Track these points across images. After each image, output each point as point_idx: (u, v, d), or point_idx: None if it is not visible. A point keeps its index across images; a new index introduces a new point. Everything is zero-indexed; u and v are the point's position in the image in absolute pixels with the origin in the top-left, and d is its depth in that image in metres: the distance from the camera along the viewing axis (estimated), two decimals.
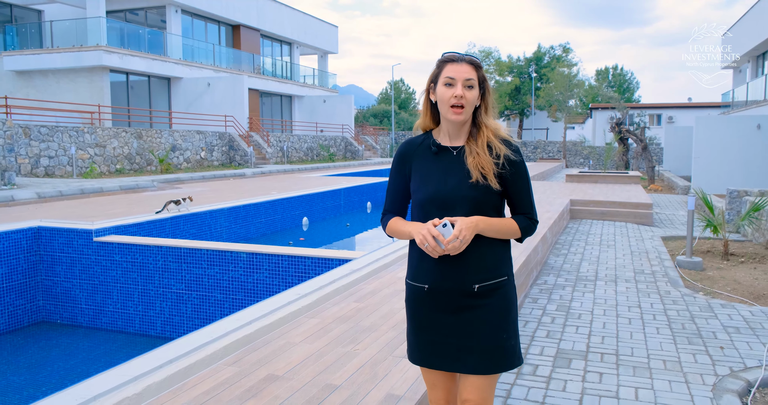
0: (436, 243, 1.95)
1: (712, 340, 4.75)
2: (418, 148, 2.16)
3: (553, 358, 4.33)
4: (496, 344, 2.06)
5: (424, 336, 2.12)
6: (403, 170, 2.18)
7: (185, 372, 3.14)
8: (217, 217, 10.67)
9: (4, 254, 8.00)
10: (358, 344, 3.53)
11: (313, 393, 2.85)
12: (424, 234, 1.96)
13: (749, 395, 3.76)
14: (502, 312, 2.09)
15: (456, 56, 2.08)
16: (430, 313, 2.10)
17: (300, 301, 4.43)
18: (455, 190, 2.04)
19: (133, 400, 2.85)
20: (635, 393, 3.74)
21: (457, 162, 2.08)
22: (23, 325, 8.29)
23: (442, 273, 2.06)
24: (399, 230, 2.15)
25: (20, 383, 6.55)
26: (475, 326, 2.06)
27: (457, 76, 2.02)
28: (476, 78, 2.05)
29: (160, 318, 7.94)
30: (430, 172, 2.10)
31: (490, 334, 2.06)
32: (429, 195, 2.06)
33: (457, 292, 2.05)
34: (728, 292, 6.25)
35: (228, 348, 3.47)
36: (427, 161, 2.12)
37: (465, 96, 2.02)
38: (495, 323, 2.07)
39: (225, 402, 2.75)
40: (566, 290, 6.37)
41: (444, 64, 2.07)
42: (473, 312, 2.06)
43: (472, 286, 2.04)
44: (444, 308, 2.08)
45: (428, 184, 2.08)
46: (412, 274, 2.15)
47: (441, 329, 2.09)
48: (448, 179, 2.06)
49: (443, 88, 2.04)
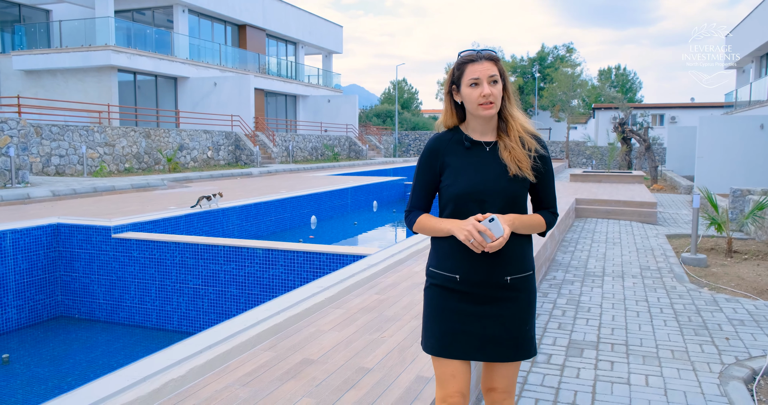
0: (482, 238, 1.97)
1: (718, 331, 4.95)
2: (449, 143, 2.17)
3: (566, 348, 4.53)
4: (520, 334, 2.13)
5: (446, 325, 2.13)
6: (434, 165, 2.17)
7: (224, 356, 3.34)
8: (229, 215, 10.88)
9: (24, 250, 8.20)
10: (384, 332, 3.73)
11: (347, 375, 3.05)
12: (470, 230, 1.98)
13: (754, 382, 3.95)
14: (529, 304, 2.17)
15: (475, 56, 2.10)
16: (457, 303, 2.12)
17: (323, 293, 4.63)
18: (493, 183, 2.07)
19: (178, 381, 3.04)
20: (645, 380, 3.93)
21: (491, 157, 2.11)
22: (42, 319, 8.49)
23: (475, 265, 2.09)
24: (433, 227, 2.14)
25: (45, 375, 6.76)
26: (504, 317, 2.11)
27: (481, 76, 2.06)
28: (498, 72, 2.09)
29: (177, 312, 8.14)
30: (464, 166, 2.11)
31: (515, 325, 2.12)
32: (465, 189, 2.08)
33: (490, 283, 2.10)
34: (732, 288, 6.44)
35: (261, 335, 3.67)
36: (459, 156, 2.14)
37: (493, 93, 2.06)
38: (522, 314, 2.14)
39: (267, 382, 2.95)
40: (575, 285, 6.57)
41: (464, 65, 2.10)
42: (503, 303, 2.11)
43: (504, 278, 2.10)
44: (472, 299, 2.11)
45: (464, 179, 2.10)
46: (440, 263, 2.16)
47: (466, 319, 2.11)
48: (484, 173, 2.09)
49: (469, 89, 2.07)
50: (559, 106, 37.07)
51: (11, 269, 8.01)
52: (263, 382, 2.95)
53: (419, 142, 42.59)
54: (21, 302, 8.15)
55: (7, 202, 10.96)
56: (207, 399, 2.79)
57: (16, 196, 11.20)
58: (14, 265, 8.05)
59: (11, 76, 25.09)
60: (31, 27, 25.82)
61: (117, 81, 23.92)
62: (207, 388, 2.92)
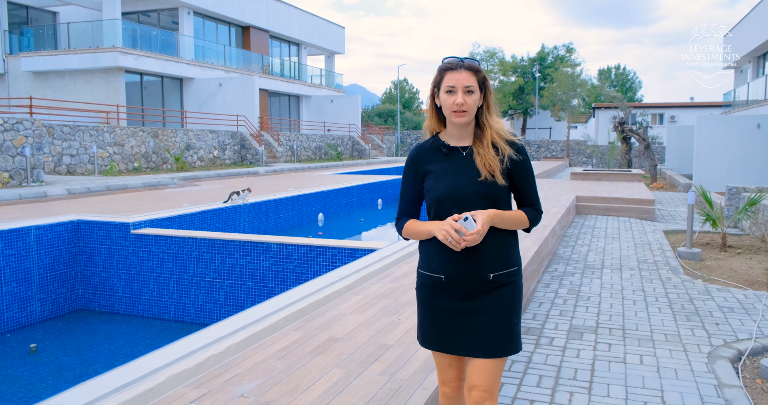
0: (459, 236, 2.06)
1: (709, 317, 5.30)
2: (428, 151, 2.28)
3: (567, 332, 4.88)
4: (504, 328, 2.20)
5: (437, 323, 2.25)
6: (416, 173, 2.29)
7: (257, 336, 3.69)
8: (240, 213, 11.24)
9: (47, 246, 8.55)
10: (401, 315, 4.09)
11: (371, 350, 3.40)
12: (447, 229, 2.08)
13: (740, 361, 4.30)
14: (513, 299, 2.23)
15: (455, 64, 2.19)
16: (444, 301, 2.22)
17: (341, 282, 4.99)
18: (467, 186, 2.17)
19: (218, 357, 3.40)
20: (640, 359, 4.29)
21: (466, 161, 2.21)
22: (64, 312, 8.85)
23: (457, 264, 2.18)
24: (417, 231, 2.25)
25: (72, 363, 7.12)
26: (487, 312, 2.19)
27: (457, 84, 2.14)
28: (476, 82, 2.17)
29: (195, 305, 8.49)
30: (443, 171, 2.22)
31: (500, 319, 2.20)
32: (444, 192, 2.19)
33: (473, 281, 2.18)
34: (725, 279, 6.79)
35: (288, 318, 4.03)
36: (438, 162, 2.25)
37: (466, 102, 2.14)
38: (506, 309, 2.21)
39: (299, 356, 3.30)
40: (575, 277, 6.92)
41: (444, 72, 2.19)
42: (486, 299, 2.19)
43: (487, 275, 2.18)
44: (458, 296, 2.20)
45: (443, 182, 2.20)
46: (427, 265, 2.27)
47: (454, 316, 2.21)
48: (460, 177, 2.19)
49: (445, 95, 2.17)
50: (560, 106, 37.42)
51: (35, 264, 8.37)
52: (296, 356, 3.31)
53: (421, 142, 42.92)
54: (44, 295, 8.51)
55: (26, 200, 11.33)
56: (248, 370, 3.14)
57: (34, 194, 11.56)
58: (38, 259, 8.41)
59: (20, 78, 25.47)
60: (39, 29, 26.19)
61: (124, 82, 24.30)
62: (246, 361, 3.27)
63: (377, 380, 2.99)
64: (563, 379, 3.93)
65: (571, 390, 3.75)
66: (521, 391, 3.71)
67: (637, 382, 3.88)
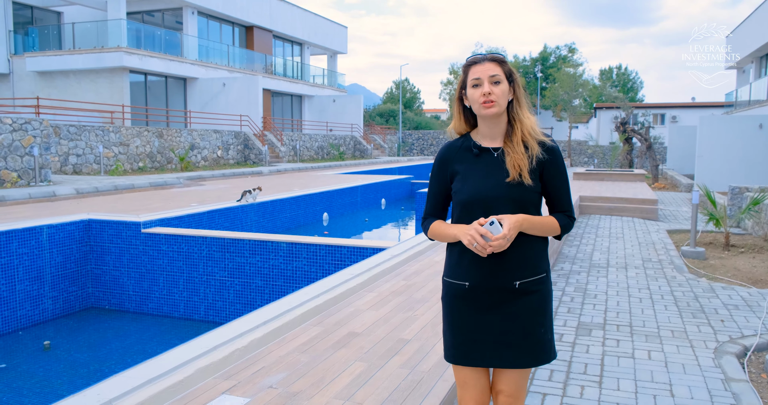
0: (485, 241, 1.97)
1: (714, 315, 5.41)
2: (458, 151, 2.20)
3: (576, 329, 5.00)
4: (534, 339, 2.12)
5: (463, 335, 2.16)
6: (444, 173, 2.22)
7: (279, 331, 3.80)
8: (247, 212, 11.36)
9: (59, 244, 8.67)
10: (416, 311, 4.21)
11: (390, 345, 3.52)
12: (472, 234, 1.99)
13: (745, 357, 4.42)
14: (541, 307, 2.14)
15: (478, 58, 2.15)
16: (469, 311, 2.14)
17: (355, 279, 5.10)
18: (495, 189, 2.09)
19: (242, 351, 3.51)
20: (648, 354, 4.40)
21: (497, 162, 2.13)
22: (75, 310, 8.96)
23: (483, 270, 2.10)
24: (443, 233, 2.17)
25: (85, 359, 7.24)
26: (514, 321, 2.10)
27: (482, 75, 2.09)
28: (502, 72, 2.11)
29: (204, 303, 8.61)
30: (471, 172, 2.14)
31: (528, 329, 2.11)
32: (471, 195, 2.11)
33: (499, 289, 2.10)
34: (729, 278, 6.90)
35: (307, 314, 4.14)
36: (468, 163, 2.16)
37: (493, 91, 2.07)
38: (533, 318, 2.12)
39: (322, 350, 3.42)
40: (581, 275, 7.03)
41: (468, 67, 2.15)
42: (513, 308, 2.11)
43: (513, 282, 2.09)
44: (484, 305, 2.12)
45: (470, 185, 2.12)
46: (452, 272, 2.19)
47: (480, 326, 2.13)
48: (488, 179, 2.11)
49: (472, 90, 2.11)
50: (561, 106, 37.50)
51: (47, 262, 8.48)
52: (318, 350, 3.42)
53: (422, 142, 43.07)
54: (56, 293, 8.62)
55: (36, 199, 11.44)
56: (274, 363, 3.26)
57: (43, 193, 11.68)
58: (50, 258, 8.52)
59: (24, 77, 25.59)
60: (44, 29, 26.31)
61: (129, 82, 24.42)
62: (271, 354, 3.39)
63: (399, 373, 3.10)
64: (574, 373, 4.04)
65: (582, 384, 3.86)
66: (534, 385, 3.82)
67: (646, 376, 3.99)
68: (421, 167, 29.72)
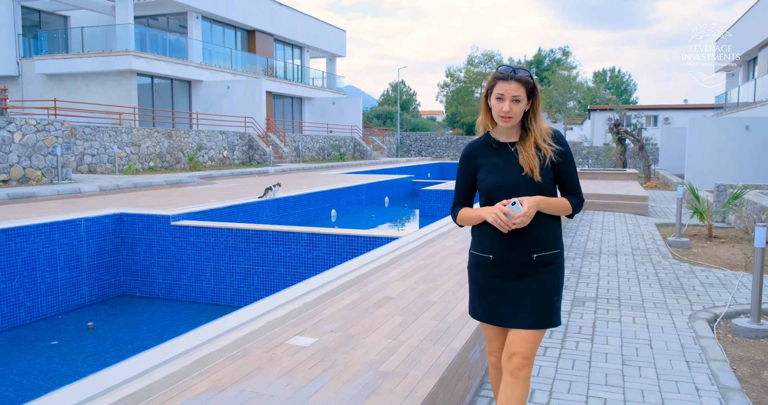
0: (508, 219, 2.33)
1: (692, 291, 6.20)
2: (480, 147, 2.58)
3: (571, 301, 5.77)
4: (546, 305, 2.47)
5: (486, 298, 2.55)
6: (470, 167, 2.59)
7: (325, 296, 4.55)
8: (264, 208, 12.11)
9: (95, 236, 9.39)
10: (437, 282, 4.98)
11: (419, 305, 4.28)
12: (497, 213, 2.36)
13: (715, 322, 5.20)
14: (554, 278, 2.50)
15: (506, 74, 2.42)
16: (492, 279, 2.51)
17: (379, 260, 5.87)
18: (515, 179, 2.45)
19: (296, 311, 4.25)
20: (633, 320, 5.18)
21: (513, 156, 2.49)
22: (108, 297, 9.69)
23: (505, 245, 2.46)
24: (469, 216, 2.55)
25: (128, 338, 7.98)
26: (531, 289, 2.46)
27: (506, 94, 2.40)
28: (524, 92, 2.41)
29: (230, 289, 9.35)
30: (493, 165, 2.51)
31: (543, 297, 2.47)
32: (496, 183, 2.47)
33: (518, 261, 2.45)
34: (708, 263, 7.69)
35: (344, 286, 4.89)
36: (490, 156, 2.53)
37: (512, 109, 2.40)
38: (548, 287, 2.48)
39: (365, 309, 4.18)
40: (576, 261, 7.81)
41: (497, 80, 2.44)
42: (531, 278, 2.47)
43: (531, 255, 2.44)
44: (505, 275, 2.48)
45: (493, 175, 2.49)
46: (478, 246, 2.56)
47: (501, 292, 2.50)
48: (509, 170, 2.47)
49: (495, 101, 2.43)
50: (556, 108, 38.33)
51: (84, 252, 9.21)
52: (362, 308, 4.18)
53: (420, 143, 43.89)
54: (92, 281, 9.35)
55: (63, 196, 12.17)
56: (329, 316, 4.02)
57: (69, 190, 12.40)
58: (87, 248, 9.25)
59: (33, 80, 26.27)
60: (53, 33, 27.00)
61: (136, 84, 25.13)
62: (324, 311, 4.14)
63: (430, 323, 3.86)
64: (570, 333, 4.81)
65: (577, 340, 4.64)
66: None
67: (630, 335, 4.77)
68: (420, 167, 30.53)
